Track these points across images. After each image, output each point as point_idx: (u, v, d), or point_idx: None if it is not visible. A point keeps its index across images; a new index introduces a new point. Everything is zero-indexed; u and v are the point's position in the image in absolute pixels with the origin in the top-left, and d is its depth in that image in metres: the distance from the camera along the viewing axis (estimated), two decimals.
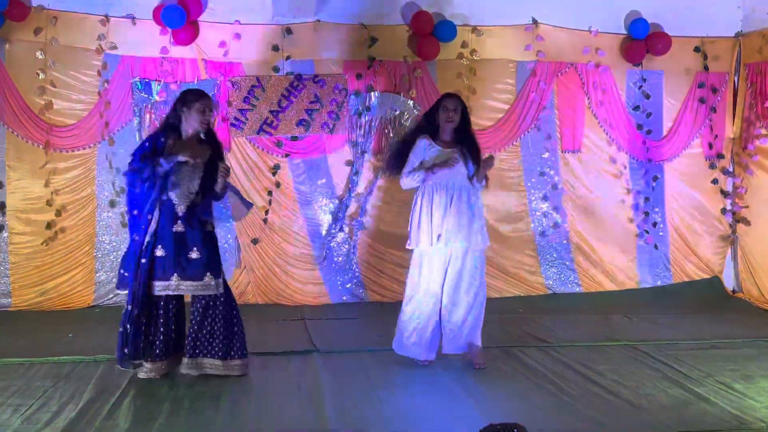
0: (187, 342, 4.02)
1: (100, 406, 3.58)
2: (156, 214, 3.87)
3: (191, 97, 3.96)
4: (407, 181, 4.35)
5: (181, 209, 3.89)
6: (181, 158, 3.81)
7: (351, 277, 6.29)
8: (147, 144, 3.93)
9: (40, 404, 3.59)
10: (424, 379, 4.12)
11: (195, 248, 3.90)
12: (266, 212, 6.11)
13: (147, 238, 3.86)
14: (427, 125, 4.40)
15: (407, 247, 4.38)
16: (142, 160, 3.82)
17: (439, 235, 4.20)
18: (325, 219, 6.26)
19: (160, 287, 3.90)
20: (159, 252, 3.87)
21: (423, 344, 4.31)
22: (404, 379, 4.11)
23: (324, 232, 6.25)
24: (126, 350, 3.91)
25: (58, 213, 5.82)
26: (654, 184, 6.75)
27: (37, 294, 5.78)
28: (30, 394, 3.73)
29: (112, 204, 5.91)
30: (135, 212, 3.91)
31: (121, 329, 3.93)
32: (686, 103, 6.76)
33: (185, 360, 4.01)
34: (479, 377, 4.13)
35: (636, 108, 6.69)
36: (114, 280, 5.84)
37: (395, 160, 4.45)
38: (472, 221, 4.25)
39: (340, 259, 6.26)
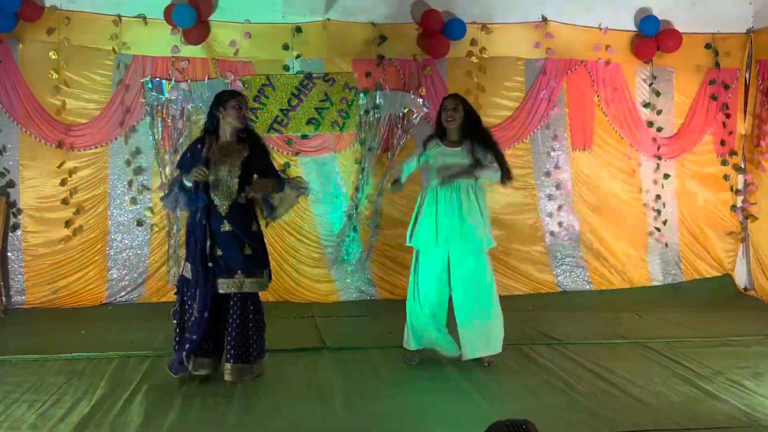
0: (227, 345, 3.94)
1: (113, 401, 3.62)
2: (204, 216, 3.89)
3: (225, 96, 4.01)
4: (404, 170, 4.47)
5: (223, 209, 3.91)
6: (187, 182, 3.90)
7: (361, 275, 6.31)
8: (188, 154, 4.02)
9: (54, 400, 3.63)
10: (434, 375, 4.14)
11: (246, 245, 3.93)
12: None
13: (207, 242, 3.88)
14: (437, 129, 4.45)
15: (406, 244, 4.40)
16: (181, 174, 3.95)
17: (436, 236, 4.20)
18: (335, 217, 6.28)
19: (225, 285, 3.90)
20: (218, 252, 3.89)
21: (415, 337, 4.32)
22: (414, 376, 4.12)
23: (335, 231, 6.27)
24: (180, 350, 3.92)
25: (72, 211, 5.87)
26: (664, 182, 6.72)
27: (50, 292, 5.84)
28: (44, 390, 3.78)
29: (133, 201, 5.96)
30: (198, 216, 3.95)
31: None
32: (697, 99, 6.74)
33: (228, 366, 3.93)
34: (489, 374, 4.14)
35: (646, 105, 6.67)
36: (126, 277, 5.94)
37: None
38: (473, 221, 4.21)
39: (352, 258, 6.28)
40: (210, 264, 3.87)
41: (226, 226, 3.90)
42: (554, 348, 4.72)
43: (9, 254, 5.80)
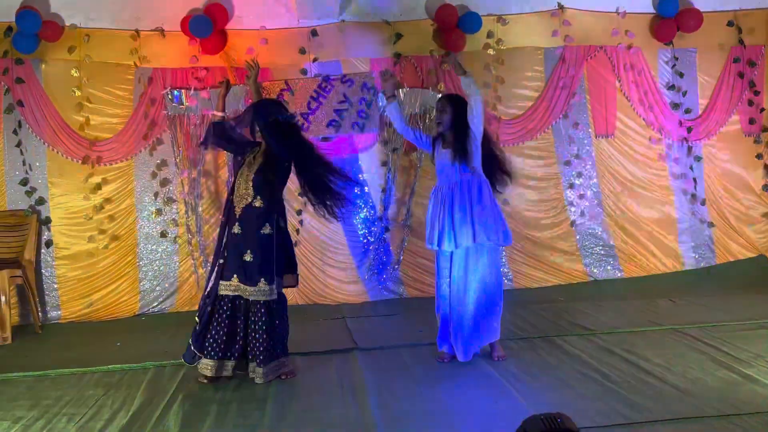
0: (254, 350, 4.01)
1: (150, 411, 3.66)
2: (225, 216, 4.14)
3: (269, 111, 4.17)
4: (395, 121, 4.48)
5: (237, 211, 4.02)
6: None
7: (390, 274, 6.31)
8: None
9: (93, 413, 3.69)
10: (466, 372, 4.12)
11: (249, 251, 3.98)
12: (299, 212, 6.16)
13: (223, 240, 4.10)
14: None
15: (427, 246, 4.41)
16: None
17: (440, 235, 4.19)
18: (360, 218, 6.28)
19: (223, 286, 4.04)
20: (226, 252, 4.05)
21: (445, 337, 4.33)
22: (446, 373, 4.11)
23: (360, 233, 6.28)
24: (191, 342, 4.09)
25: (102, 225, 5.96)
26: (693, 164, 6.61)
27: (84, 306, 5.94)
28: (83, 403, 3.84)
29: (159, 213, 6.04)
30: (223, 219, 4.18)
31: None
32: (722, 79, 6.63)
33: (258, 369, 4.01)
34: (521, 368, 4.11)
35: (670, 87, 6.57)
36: (158, 288, 6.01)
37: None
38: (474, 218, 4.15)
39: (384, 258, 6.29)
40: (220, 260, 4.07)
41: (236, 229, 4.03)
42: (587, 338, 4.67)
43: (43, 271, 5.91)
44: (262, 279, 3.98)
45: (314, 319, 5.66)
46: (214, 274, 4.08)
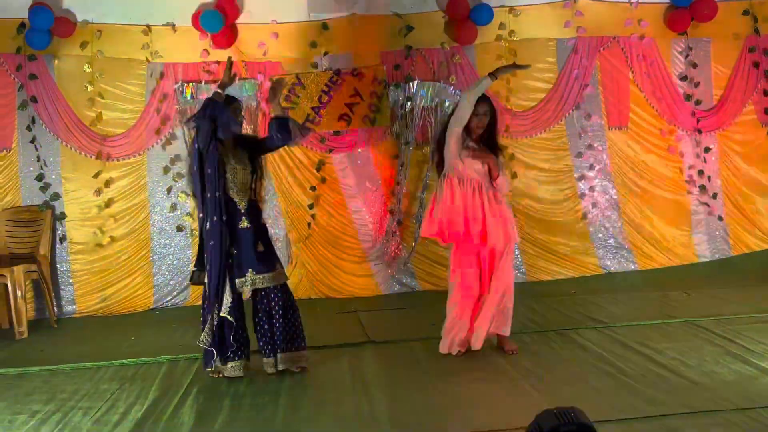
0: (275, 337, 4.04)
1: (164, 405, 3.69)
2: (224, 214, 3.95)
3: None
4: (461, 110, 4.19)
5: (242, 206, 4.03)
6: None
7: (402, 268, 6.31)
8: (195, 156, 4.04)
9: (109, 406, 3.72)
10: (479, 366, 4.11)
11: (260, 242, 4.04)
12: (311, 206, 6.17)
13: (227, 240, 3.94)
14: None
15: (422, 234, 4.42)
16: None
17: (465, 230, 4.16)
18: (372, 211, 6.28)
19: (239, 284, 3.98)
20: (233, 251, 3.98)
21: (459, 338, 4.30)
22: (458, 367, 4.10)
23: (372, 225, 6.28)
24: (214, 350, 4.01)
25: (115, 220, 6.00)
26: (707, 155, 6.55)
27: (99, 300, 5.99)
28: (98, 397, 3.87)
29: (173, 208, 6.06)
30: (214, 219, 3.92)
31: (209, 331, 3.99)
32: (737, 69, 6.55)
33: (280, 356, 4.04)
34: (535, 362, 4.09)
35: (684, 78, 6.50)
36: (171, 282, 6.04)
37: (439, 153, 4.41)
38: (499, 219, 4.17)
39: (399, 253, 6.29)
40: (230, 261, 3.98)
41: (245, 223, 4.01)
42: (601, 331, 4.65)
43: (58, 265, 5.96)
44: (277, 262, 4.08)
45: (326, 312, 5.67)
46: (220, 275, 3.92)
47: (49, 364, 4.51)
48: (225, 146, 4.01)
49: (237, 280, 3.96)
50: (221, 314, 3.93)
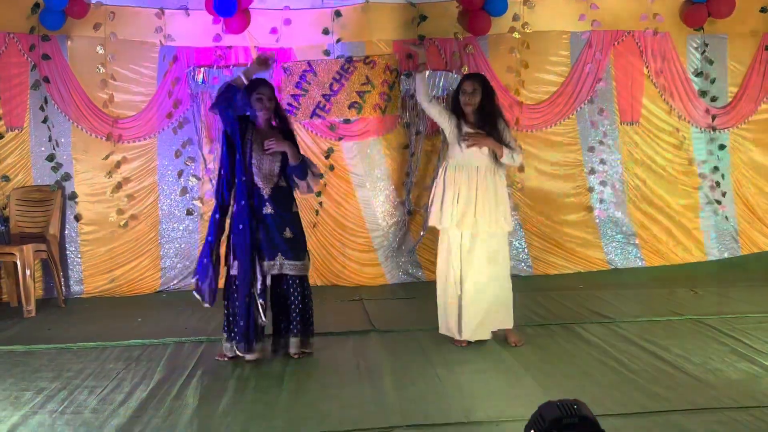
0: (292, 322, 4.11)
1: (169, 386, 3.71)
2: (248, 199, 4.00)
3: (249, 89, 4.05)
4: (420, 90, 4.34)
5: (266, 192, 4.03)
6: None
7: (408, 257, 6.31)
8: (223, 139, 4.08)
9: (114, 386, 3.75)
10: (483, 356, 4.11)
11: (287, 228, 4.06)
12: (319, 194, 6.17)
13: (252, 223, 4.01)
14: (453, 109, 4.36)
15: (429, 224, 4.37)
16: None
17: (460, 216, 4.19)
18: (380, 201, 6.29)
19: (267, 267, 4.03)
20: (259, 235, 4.02)
21: (456, 326, 4.30)
22: (462, 357, 4.11)
23: (380, 215, 6.28)
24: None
25: (124, 202, 6.02)
26: (719, 153, 6.51)
27: (107, 281, 6.03)
28: (104, 376, 3.90)
29: (184, 191, 6.08)
30: (242, 202, 3.99)
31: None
32: (753, 66, 6.50)
33: (292, 340, 4.11)
34: (539, 354, 4.09)
35: (699, 74, 6.45)
36: (178, 265, 6.06)
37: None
38: (496, 204, 4.19)
39: (404, 244, 6.29)
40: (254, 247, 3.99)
41: (269, 209, 4.03)
42: (607, 327, 4.64)
43: (67, 245, 6.00)
44: (306, 254, 4.14)
45: (332, 300, 5.69)
46: (251, 257, 3.97)
47: (56, 343, 4.55)
48: (258, 132, 4.05)
49: (265, 263, 4.01)
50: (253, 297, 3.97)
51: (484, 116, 4.25)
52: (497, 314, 4.29)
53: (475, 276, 4.23)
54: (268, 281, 4.04)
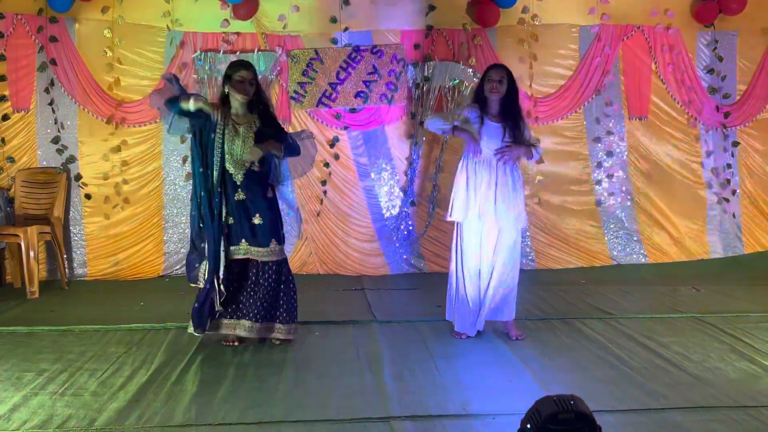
0: (256, 307, 4.09)
1: (169, 371, 3.73)
2: (219, 185, 3.97)
3: (230, 70, 3.97)
4: (432, 122, 4.31)
5: (238, 178, 3.98)
6: (186, 105, 3.86)
7: (411, 248, 6.32)
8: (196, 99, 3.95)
9: (115, 369, 3.76)
10: (483, 349, 4.12)
11: (258, 214, 4.02)
12: (324, 182, 6.17)
13: (223, 209, 4.00)
14: (476, 98, 4.30)
15: (448, 218, 4.31)
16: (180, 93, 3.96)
17: (477, 209, 4.17)
18: (384, 191, 6.28)
19: (233, 251, 4.04)
20: (230, 220, 4.02)
21: (463, 318, 4.30)
22: (462, 350, 4.11)
23: (384, 204, 6.27)
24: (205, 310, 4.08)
25: (128, 186, 6.03)
26: (726, 150, 6.48)
27: (110, 264, 6.05)
28: (105, 359, 3.92)
29: (189, 176, 6.08)
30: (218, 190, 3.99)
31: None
32: (763, 64, 6.46)
33: (253, 325, 4.10)
34: (538, 349, 4.10)
35: (709, 71, 6.41)
36: (182, 250, 6.08)
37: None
38: (514, 199, 4.18)
39: (405, 232, 6.29)
40: (224, 231, 4.00)
41: (240, 195, 4.00)
42: (607, 322, 4.64)
43: (71, 228, 6.02)
44: (273, 239, 4.06)
45: (334, 288, 5.70)
46: (214, 241, 3.98)
47: (59, 325, 4.57)
48: (234, 117, 3.99)
49: (231, 248, 4.03)
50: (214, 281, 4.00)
51: (508, 109, 4.20)
52: (505, 306, 4.29)
53: (498, 268, 4.22)
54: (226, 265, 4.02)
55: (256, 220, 4.03)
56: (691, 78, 6.38)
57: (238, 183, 4.00)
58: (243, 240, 4.03)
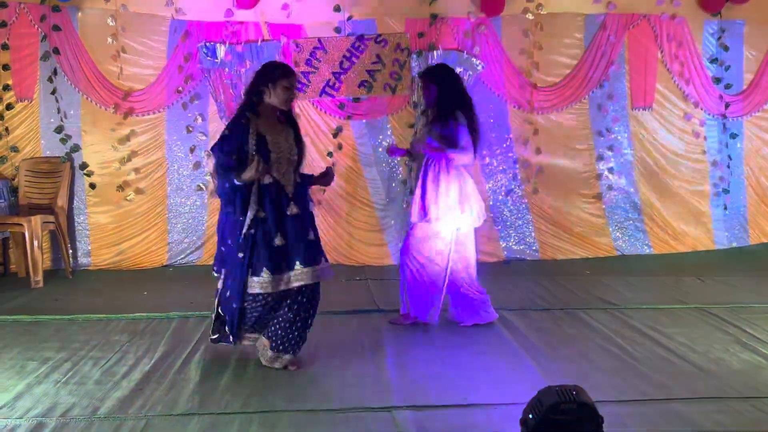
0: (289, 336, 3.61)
1: (172, 360, 3.74)
2: (268, 198, 3.48)
3: (277, 73, 3.55)
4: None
5: (290, 190, 3.55)
6: (238, 181, 3.40)
7: None
8: (230, 134, 3.47)
9: (118, 358, 3.78)
10: (486, 339, 4.12)
11: (310, 230, 3.61)
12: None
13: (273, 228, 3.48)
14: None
15: (424, 221, 4.21)
16: (227, 161, 3.41)
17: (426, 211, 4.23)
18: (387, 180, 6.26)
19: (285, 279, 3.50)
20: (278, 241, 3.48)
21: (429, 308, 4.34)
22: (465, 340, 4.11)
23: (387, 195, 6.26)
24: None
25: (132, 176, 6.03)
26: (731, 141, 6.44)
27: (114, 254, 6.06)
28: (109, 348, 3.93)
29: (197, 166, 6.09)
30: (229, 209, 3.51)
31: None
32: None
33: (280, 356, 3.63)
34: (541, 339, 4.09)
35: (714, 61, 6.36)
36: (185, 240, 6.08)
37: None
38: (473, 200, 4.24)
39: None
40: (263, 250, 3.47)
41: (294, 209, 3.54)
42: (611, 313, 4.62)
43: (75, 218, 6.03)
44: (322, 257, 3.67)
45: (337, 278, 5.67)
46: (266, 262, 3.45)
47: (63, 314, 4.59)
48: (269, 125, 3.52)
49: (285, 274, 3.49)
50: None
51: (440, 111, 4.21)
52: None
53: (459, 268, 4.31)
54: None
55: (311, 237, 3.59)
56: (696, 67, 6.34)
57: (290, 196, 3.54)
58: (297, 262, 3.50)
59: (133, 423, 2.95)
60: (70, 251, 5.93)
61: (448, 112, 4.15)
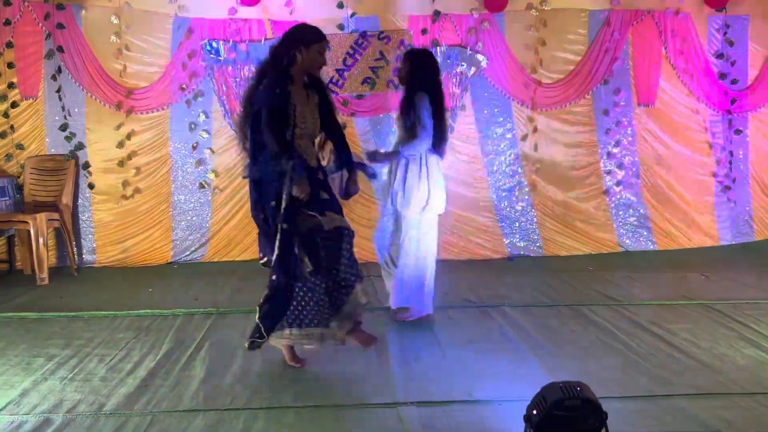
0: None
1: (177, 356, 3.76)
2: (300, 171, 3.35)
3: (312, 36, 3.42)
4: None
5: (313, 162, 3.55)
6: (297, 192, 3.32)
7: None
8: (277, 109, 3.28)
9: (123, 355, 3.80)
10: (490, 336, 4.12)
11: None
12: None
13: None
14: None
15: (405, 210, 4.35)
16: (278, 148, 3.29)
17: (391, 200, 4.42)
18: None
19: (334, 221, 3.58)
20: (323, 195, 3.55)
21: (423, 302, 4.38)
22: (469, 336, 4.11)
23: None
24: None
25: (136, 174, 6.04)
26: (736, 137, 6.42)
27: (119, 251, 6.07)
28: (114, 345, 3.95)
29: (199, 163, 6.09)
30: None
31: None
32: None
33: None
34: (545, 335, 4.09)
35: (719, 56, 6.34)
36: (190, 237, 6.10)
37: None
38: (405, 188, 4.40)
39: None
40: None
41: (320, 175, 3.58)
42: (614, 309, 4.62)
43: (80, 215, 6.04)
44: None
45: None
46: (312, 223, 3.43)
47: (68, 311, 4.61)
48: (297, 95, 3.38)
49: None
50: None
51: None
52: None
53: (430, 257, 4.40)
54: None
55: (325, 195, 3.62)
56: (700, 63, 6.32)
57: (315, 166, 3.56)
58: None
59: (139, 419, 2.96)
60: (75, 248, 5.95)
61: (413, 92, 4.28)
